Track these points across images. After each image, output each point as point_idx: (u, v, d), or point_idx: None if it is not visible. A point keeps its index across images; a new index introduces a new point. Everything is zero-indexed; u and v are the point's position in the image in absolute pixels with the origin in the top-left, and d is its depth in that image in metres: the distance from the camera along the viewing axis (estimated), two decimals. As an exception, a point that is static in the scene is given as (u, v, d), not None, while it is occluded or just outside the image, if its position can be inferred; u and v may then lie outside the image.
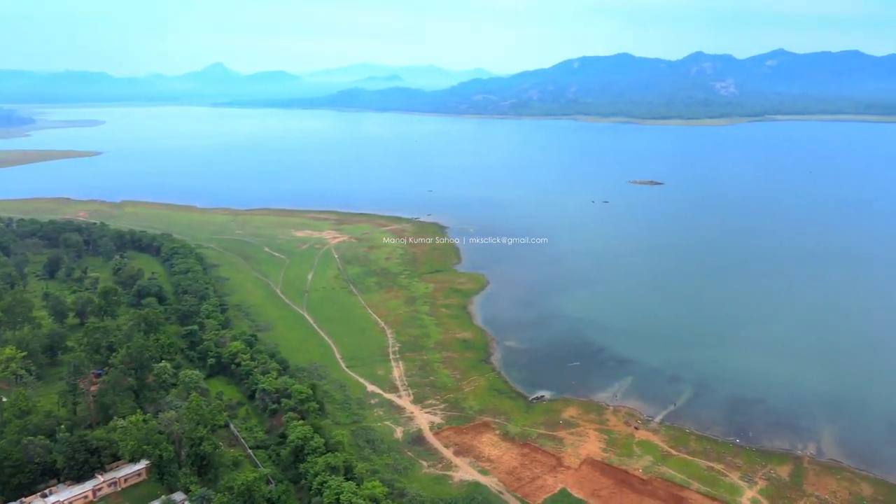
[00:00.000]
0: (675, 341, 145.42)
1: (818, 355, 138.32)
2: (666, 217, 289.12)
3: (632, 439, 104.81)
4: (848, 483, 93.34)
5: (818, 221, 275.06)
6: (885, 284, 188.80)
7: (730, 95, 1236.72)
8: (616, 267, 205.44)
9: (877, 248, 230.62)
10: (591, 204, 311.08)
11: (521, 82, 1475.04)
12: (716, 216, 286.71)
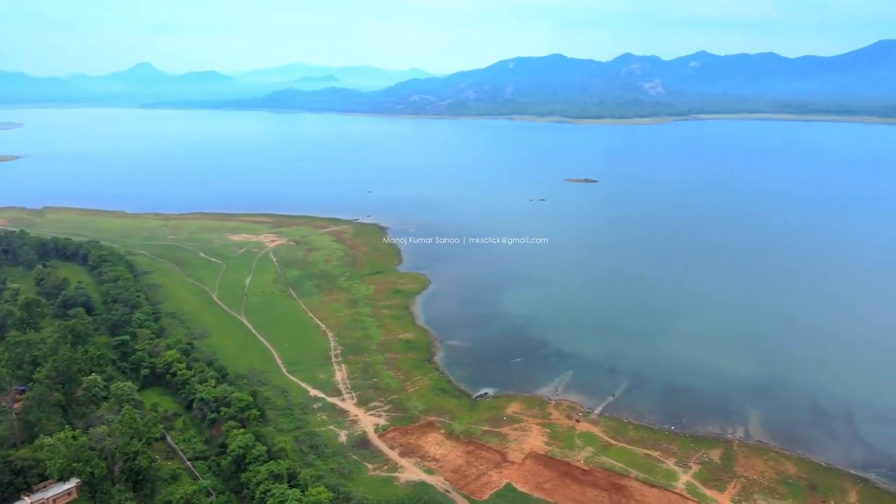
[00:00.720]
0: (613, 334, 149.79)
1: (745, 343, 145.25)
2: (601, 214, 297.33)
3: (573, 432, 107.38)
4: (774, 463, 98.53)
5: (742, 215, 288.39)
6: (806, 273, 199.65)
7: (658, 95, 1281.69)
8: (555, 263, 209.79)
9: (797, 239, 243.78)
10: (530, 202, 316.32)
11: (458, 82, 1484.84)
12: (648, 212, 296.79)
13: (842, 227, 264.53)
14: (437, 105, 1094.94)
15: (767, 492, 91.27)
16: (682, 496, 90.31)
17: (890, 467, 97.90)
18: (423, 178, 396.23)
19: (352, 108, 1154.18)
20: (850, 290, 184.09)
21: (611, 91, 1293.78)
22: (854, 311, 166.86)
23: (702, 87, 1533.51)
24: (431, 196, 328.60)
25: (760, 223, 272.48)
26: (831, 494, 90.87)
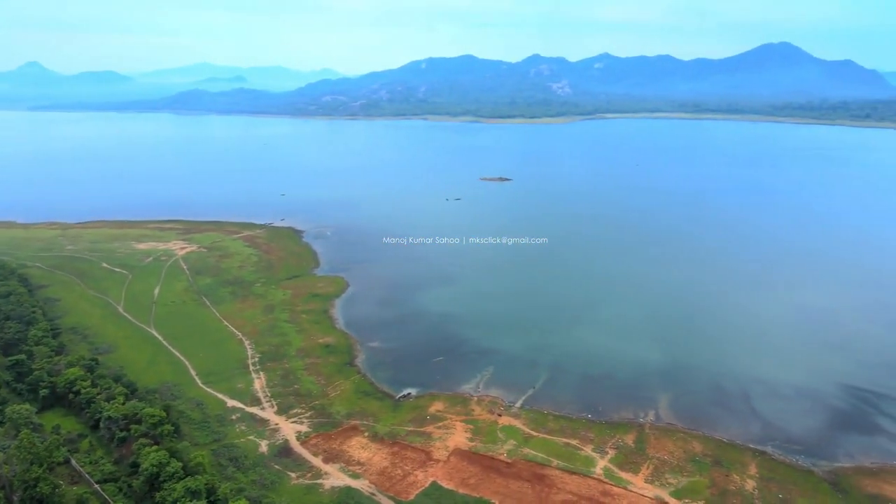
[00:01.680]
0: (531, 328, 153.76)
1: (654, 330, 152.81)
2: (516, 210, 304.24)
3: (496, 426, 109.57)
4: (682, 442, 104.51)
5: (648, 209, 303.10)
6: (706, 261, 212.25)
7: (565, 95, 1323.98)
8: (473, 261, 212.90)
9: (697, 229, 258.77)
10: (446, 202, 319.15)
11: (371, 83, 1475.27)
12: (560, 208, 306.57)
13: (738, 217, 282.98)
14: (351, 106, 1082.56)
15: (677, 470, 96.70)
16: (601, 481, 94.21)
17: (783, 440, 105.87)
18: (339, 179, 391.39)
19: (262, 109, 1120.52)
20: (747, 275, 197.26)
21: (521, 91, 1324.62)
22: (750, 295, 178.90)
23: (606, 88, 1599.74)
24: (348, 198, 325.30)
25: (664, 216, 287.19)
26: (734, 468, 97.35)
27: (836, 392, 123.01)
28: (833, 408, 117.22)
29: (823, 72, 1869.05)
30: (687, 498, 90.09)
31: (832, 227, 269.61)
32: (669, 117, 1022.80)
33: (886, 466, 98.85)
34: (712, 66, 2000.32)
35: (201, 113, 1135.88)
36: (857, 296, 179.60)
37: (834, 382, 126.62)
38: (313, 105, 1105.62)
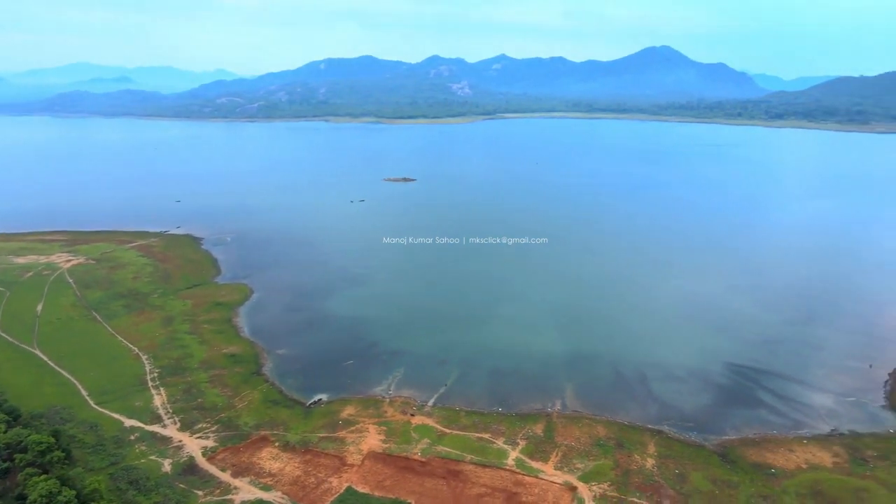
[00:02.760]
0: (440, 326, 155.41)
1: (557, 323, 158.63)
2: (420, 210, 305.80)
3: (409, 426, 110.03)
4: (588, 428, 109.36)
5: (547, 204, 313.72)
6: (604, 253, 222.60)
7: (465, 96, 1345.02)
8: (379, 262, 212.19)
9: (594, 223, 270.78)
10: (350, 204, 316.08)
11: (268, 84, 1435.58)
12: (464, 206, 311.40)
13: (631, 211, 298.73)
14: (248, 108, 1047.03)
15: (584, 455, 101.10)
16: (513, 471, 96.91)
17: (678, 419, 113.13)
18: (238, 184, 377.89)
19: (152, 111, 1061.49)
20: (641, 265, 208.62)
21: (422, 92, 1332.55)
22: (644, 284, 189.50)
23: (504, 88, 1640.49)
24: (248, 203, 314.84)
25: (563, 211, 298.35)
26: (635, 449, 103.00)
27: (722, 371, 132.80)
28: (720, 385, 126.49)
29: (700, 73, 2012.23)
30: (594, 481, 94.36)
31: (712, 218, 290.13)
32: (565, 116, 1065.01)
33: (767, 436, 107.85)
34: (602, 68, 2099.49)
35: (84, 115, 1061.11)
36: (736, 281, 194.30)
37: (720, 362, 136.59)
38: (208, 107, 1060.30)
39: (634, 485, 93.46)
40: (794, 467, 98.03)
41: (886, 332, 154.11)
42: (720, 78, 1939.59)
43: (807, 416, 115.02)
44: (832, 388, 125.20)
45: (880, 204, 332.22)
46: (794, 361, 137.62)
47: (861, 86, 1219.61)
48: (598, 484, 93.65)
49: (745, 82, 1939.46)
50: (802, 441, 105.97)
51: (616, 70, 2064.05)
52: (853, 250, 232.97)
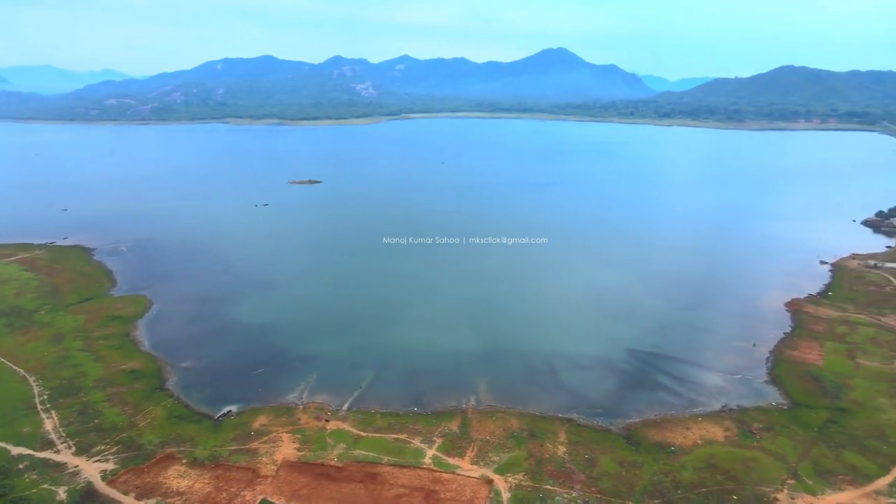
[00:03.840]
0: (353, 330, 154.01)
1: (469, 320, 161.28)
2: (328, 213, 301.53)
3: (324, 432, 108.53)
4: (502, 422, 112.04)
5: (454, 203, 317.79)
6: (510, 250, 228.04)
7: (370, 96, 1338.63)
8: (287, 267, 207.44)
9: (501, 221, 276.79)
10: (255, 208, 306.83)
11: (162, 85, 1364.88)
12: (371, 207, 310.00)
13: (535, 207, 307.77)
14: (140, 110, 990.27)
15: (499, 448, 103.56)
16: (430, 469, 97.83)
17: (586, 406, 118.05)
18: (133, 190, 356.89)
19: (30, 114, 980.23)
20: (545, 260, 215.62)
21: (325, 92, 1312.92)
22: (549, 278, 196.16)
23: (408, 88, 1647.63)
24: (145, 210, 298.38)
25: (471, 209, 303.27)
26: (547, 438, 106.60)
27: (624, 357, 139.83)
28: (623, 371, 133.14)
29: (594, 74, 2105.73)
30: (509, 472, 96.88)
31: (611, 212, 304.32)
32: (469, 116, 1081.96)
33: (667, 416, 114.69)
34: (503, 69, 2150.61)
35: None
36: (635, 271, 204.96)
37: (622, 349, 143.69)
38: (95, 109, 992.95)
39: (547, 472, 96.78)
40: (691, 444, 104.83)
41: (766, 313, 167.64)
42: (612, 79, 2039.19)
43: (700, 394, 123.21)
44: (721, 368, 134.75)
45: (756, 195, 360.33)
46: (688, 345, 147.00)
47: (736, 87, 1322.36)
48: (513, 475, 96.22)
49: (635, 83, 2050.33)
50: (697, 418, 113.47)
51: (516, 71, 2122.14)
52: (734, 239, 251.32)
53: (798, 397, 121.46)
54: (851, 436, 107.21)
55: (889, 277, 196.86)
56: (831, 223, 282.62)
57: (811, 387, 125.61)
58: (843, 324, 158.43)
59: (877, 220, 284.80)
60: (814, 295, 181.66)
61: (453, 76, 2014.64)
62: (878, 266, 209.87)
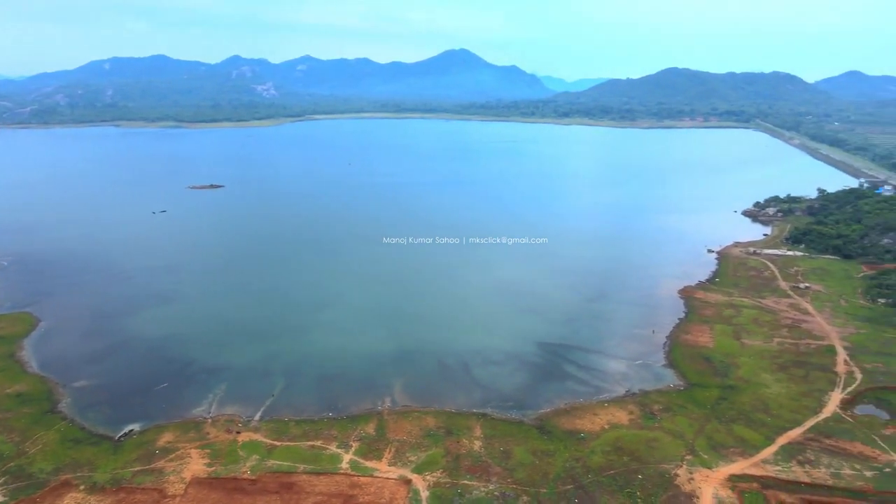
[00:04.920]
0: (262, 337, 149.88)
1: (381, 321, 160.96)
2: (231, 218, 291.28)
3: (236, 444, 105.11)
4: (418, 421, 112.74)
5: (361, 204, 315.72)
6: (419, 250, 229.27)
7: (271, 97, 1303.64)
8: (189, 276, 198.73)
9: (411, 221, 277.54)
10: (152, 215, 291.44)
11: (42, 86, 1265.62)
12: (277, 210, 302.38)
13: (443, 205, 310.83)
14: (18, 112, 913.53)
15: (416, 447, 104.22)
16: (348, 474, 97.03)
17: (499, 399, 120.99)
18: (13, 200, 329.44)
19: None
20: (453, 258, 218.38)
21: (224, 94, 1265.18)
22: (458, 276, 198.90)
23: (310, 89, 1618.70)
24: (27, 220, 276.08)
25: (378, 210, 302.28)
26: (463, 434, 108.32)
27: (534, 350, 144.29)
28: (533, 364, 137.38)
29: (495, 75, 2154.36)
30: (427, 471, 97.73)
31: (516, 208, 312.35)
32: (374, 117, 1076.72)
33: (575, 404, 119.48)
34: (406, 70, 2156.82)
35: None
36: (541, 265, 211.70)
37: (531, 342, 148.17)
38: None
39: (465, 468, 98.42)
40: (599, 429, 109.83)
41: (662, 300, 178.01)
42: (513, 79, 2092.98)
43: (606, 381, 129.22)
44: (624, 355, 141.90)
45: (649, 190, 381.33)
46: (593, 335, 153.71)
47: (628, 87, 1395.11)
48: (431, 473, 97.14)
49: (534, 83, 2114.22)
50: (604, 404, 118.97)
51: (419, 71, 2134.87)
52: (631, 231, 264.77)
53: (693, 378, 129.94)
54: (740, 411, 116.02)
55: (767, 263, 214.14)
56: (715, 214, 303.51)
57: (703, 367, 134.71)
58: (729, 307, 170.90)
59: (754, 210, 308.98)
60: (703, 282, 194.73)
61: (357, 77, 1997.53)
62: (757, 252, 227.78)
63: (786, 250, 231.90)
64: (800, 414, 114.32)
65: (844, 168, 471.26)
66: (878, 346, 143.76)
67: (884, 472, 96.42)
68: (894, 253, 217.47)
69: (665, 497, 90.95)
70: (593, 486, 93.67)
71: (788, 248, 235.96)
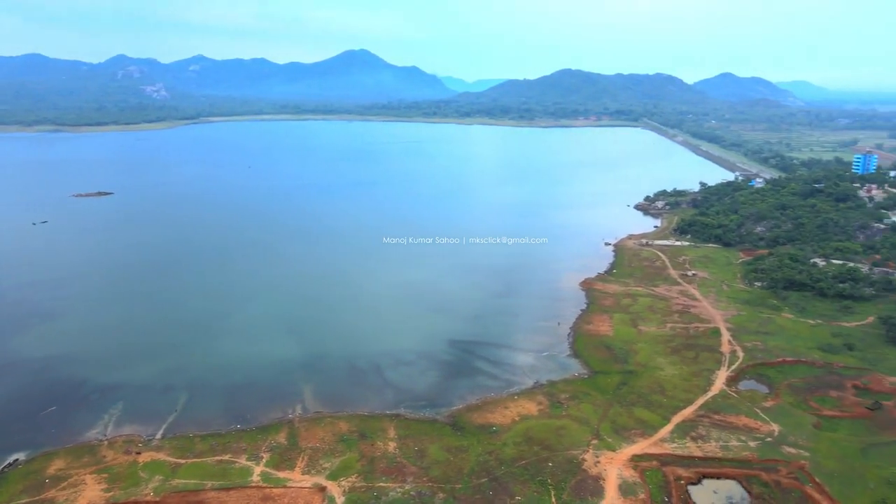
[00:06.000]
0: (161, 350, 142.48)
1: (288, 327, 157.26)
2: (122, 227, 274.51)
3: (136, 466, 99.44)
4: (330, 427, 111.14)
5: (261, 208, 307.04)
6: (324, 252, 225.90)
7: (162, 99, 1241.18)
8: (77, 290, 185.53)
9: (311, 224, 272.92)
10: (32, 227, 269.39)
11: None
12: (173, 217, 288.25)
13: (348, 208, 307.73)
14: None
15: (329, 453, 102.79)
16: (259, 487, 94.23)
17: (413, 400, 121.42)
18: None
19: None
20: (360, 260, 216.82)
21: (109, 95, 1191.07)
22: (365, 277, 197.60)
23: (205, 90, 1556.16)
24: None
25: (278, 215, 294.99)
26: (377, 437, 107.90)
27: (445, 348, 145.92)
28: (444, 362, 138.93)
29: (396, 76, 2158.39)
30: (342, 476, 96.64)
31: (424, 208, 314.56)
32: (274, 119, 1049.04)
33: (487, 399, 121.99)
34: (306, 70, 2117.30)
35: None
36: (449, 263, 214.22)
37: (442, 340, 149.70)
38: None
39: (380, 470, 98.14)
40: (510, 421, 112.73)
41: (565, 293, 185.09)
42: (414, 80, 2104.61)
43: (515, 374, 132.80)
44: (531, 347, 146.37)
45: (549, 186, 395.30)
46: (501, 330, 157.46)
47: (526, 87, 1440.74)
48: (346, 478, 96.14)
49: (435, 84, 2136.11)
50: (514, 397, 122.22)
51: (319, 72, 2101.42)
52: (534, 227, 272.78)
53: (596, 366, 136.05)
54: (639, 394, 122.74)
55: (658, 253, 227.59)
56: (611, 209, 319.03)
57: (605, 355, 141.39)
58: (626, 297, 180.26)
59: (645, 203, 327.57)
60: (602, 273, 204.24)
61: (254, 77, 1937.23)
62: (649, 244, 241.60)
63: (674, 241, 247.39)
64: (691, 393, 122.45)
65: (722, 163, 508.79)
66: (757, 326, 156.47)
67: (766, 442, 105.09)
68: (767, 240, 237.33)
69: (574, 481, 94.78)
70: (507, 478, 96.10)
71: (676, 238, 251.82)
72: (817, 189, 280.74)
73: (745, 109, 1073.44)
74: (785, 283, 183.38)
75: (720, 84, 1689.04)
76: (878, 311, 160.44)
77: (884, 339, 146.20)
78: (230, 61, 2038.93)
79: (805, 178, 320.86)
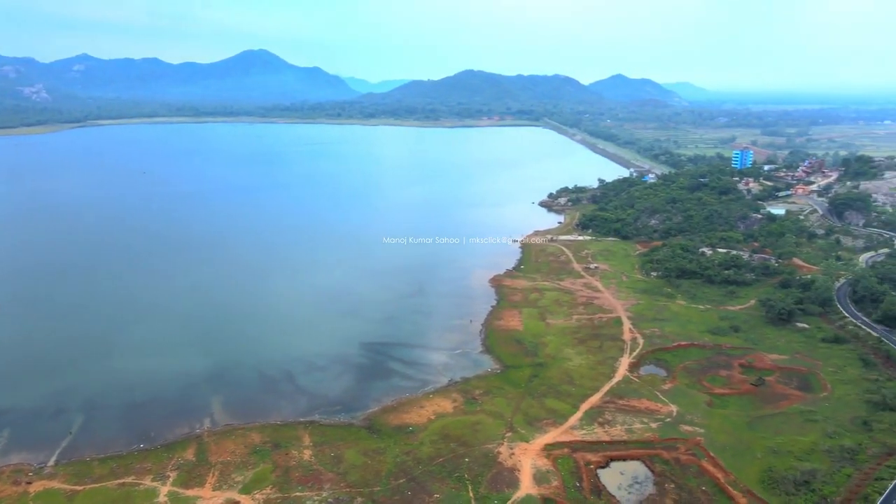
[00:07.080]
0: (52, 370, 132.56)
1: (190, 339, 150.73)
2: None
3: (27, 497, 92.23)
4: (242, 439, 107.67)
5: (161, 217, 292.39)
6: (224, 261, 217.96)
7: (43, 101, 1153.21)
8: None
9: (212, 232, 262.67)
10: None
11: None
12: (57, 226, 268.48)
13: (249, 214, 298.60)
14: None
15: (242, 466, 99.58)
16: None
17: (327, 405, 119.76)
18: None
19: None
20: (263, 266, 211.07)
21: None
22: (270, 284, 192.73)
23: (91, 92, 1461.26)
24: None
25: (175, 223, 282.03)
26: (291, 445, 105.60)
27: (358, 351, 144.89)
28: (358, 365, 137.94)
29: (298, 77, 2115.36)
30: (255, 489, 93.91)
31: (328, 211, 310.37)
32: (170, 122, 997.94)
33: (402, 399, 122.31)
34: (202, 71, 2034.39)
35: None
36: (357, 266, 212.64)
37: (355, 344, 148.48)
38: None
39: (296, 480, 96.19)
40: (426, 420, 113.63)
41: (475, 290, 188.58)
42: (317, 81, 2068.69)
43: (429, 373, 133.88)
44: (445, 346, 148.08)
45: (455, 186, 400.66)
46: (414, 330, 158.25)
47: (430, 88, 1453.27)
48: (260, 491, 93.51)
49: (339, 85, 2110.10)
50: (429, 396, 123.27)
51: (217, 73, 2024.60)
52: (442, 226, 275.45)
53: (507, 360, 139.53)
54: (549, 385, 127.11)
55: (562, 248, 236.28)
56: (516, 206, 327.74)
57: (516, 350, 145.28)
58: (534, 291, 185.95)
59: (549, 200, 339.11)
60: (510, 270, 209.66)
61: (145, 78, 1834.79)
62: (554, 239, 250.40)
63: (577, 236, 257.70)
64: (598, 381, 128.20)
65: (618, 160, 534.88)
66: (654, 314, 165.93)
67: (665, 422, 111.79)
68: (661, 232, 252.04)
69: (490, 475, 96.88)
70: (424, 477, 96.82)
71: (579, 233, 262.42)
72: (703, 183, 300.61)
73: (636, 109, 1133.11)
74: (677, 272, 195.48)
75: (613, 85, 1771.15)
76: (757, 295, 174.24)
77: (764, 320, 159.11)
78: (119, 61, 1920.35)
79: (692, 173, 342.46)
